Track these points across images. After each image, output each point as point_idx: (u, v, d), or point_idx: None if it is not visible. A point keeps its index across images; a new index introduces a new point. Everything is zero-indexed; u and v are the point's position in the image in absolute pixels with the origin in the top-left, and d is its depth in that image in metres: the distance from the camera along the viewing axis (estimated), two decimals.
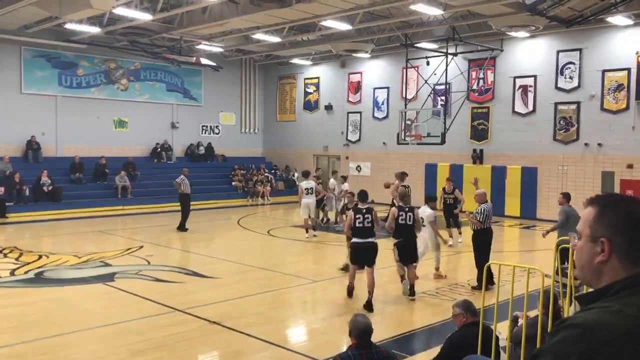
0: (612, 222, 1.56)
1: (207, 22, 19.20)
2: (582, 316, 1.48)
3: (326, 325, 8.61)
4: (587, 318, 1.45)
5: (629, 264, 1.53)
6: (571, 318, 1.49)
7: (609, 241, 1.55)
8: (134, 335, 7.79)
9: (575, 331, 1.43)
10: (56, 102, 23.57)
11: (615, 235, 1.54)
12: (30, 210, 20.18)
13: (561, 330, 1.46)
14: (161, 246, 14.84)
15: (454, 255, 14.07)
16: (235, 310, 9.10)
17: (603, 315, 1.45)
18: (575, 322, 1.45)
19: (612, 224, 1.56)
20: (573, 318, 1.48)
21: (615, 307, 1.46)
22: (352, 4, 17.00)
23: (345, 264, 11.35)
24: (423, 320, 8.89)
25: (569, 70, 19.87)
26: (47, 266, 12.07)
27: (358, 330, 4.61)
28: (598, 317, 1.44)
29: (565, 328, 1.46)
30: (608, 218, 1.57)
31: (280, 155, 29.59)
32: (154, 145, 26.24)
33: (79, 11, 16.02)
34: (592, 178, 19.26)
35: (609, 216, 1.57)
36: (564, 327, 1.46)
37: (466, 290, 10.31)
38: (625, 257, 1.54)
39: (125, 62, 25.40)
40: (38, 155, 22.70)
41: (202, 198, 22.29)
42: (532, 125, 20.78)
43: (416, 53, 22.05)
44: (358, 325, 4.63)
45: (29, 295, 9.99)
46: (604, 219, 1.57)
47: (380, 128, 25.22)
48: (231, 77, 28.92)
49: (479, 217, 10.26)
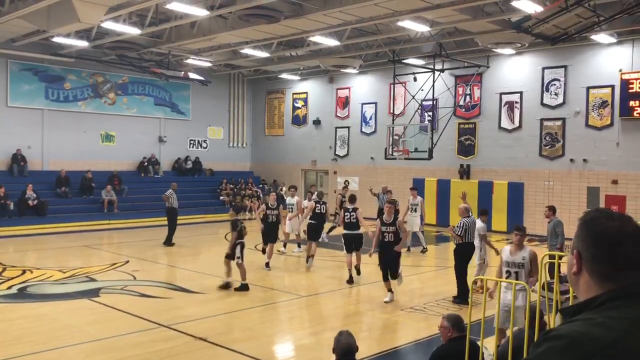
0: (582, 236, 1.63)
1: (196, 37, 19.24)
2: (567, 328, 1.48)
3: (314, 340, 8.56)
4: (571, 329, 1.46)
5: (596, 277, 1.58)
6: (556, 329, 1.50)
7: (579, 254, 1.62)
8: (118, 351, 7.69)
9: (561, 342, 1.44)
10: (43, 115, 23.42)
11: (584, 249, 1.61)
12: (14, 224, 19.93)
13: (546, 341, 1.47)
14: (147, 261, 14.71)
15: (442, 270, 14.08)
16: (221, 326, 9.02)
17: (588, 327, 1.46)
18: (560, 334, 1.46)
19: (582, 238, 1.62)
20: (558, 329, 1.49)
21: (599, 319, 1.47)
22: (340, 20, 17.14)
23: None
24: (410, 336, 8.86)
25: (554, 86, 20.12)
26: (31, 281, 11.90)
27: (340, 350, 4.77)
28: (583, 329, 1.45)
29: (550, 339, 1.46)
30: (581, 232, 1.64)
31: (268, 170, 29.56)
32: (141, 159, 26.12)
33: (66, 25, 15.99)
34: (577, 193, 19.43)
35: (582, 231, 1.64)
36: (549, 338, 1.47)
37: (453, 305, 10.30)
38: (592, 270, 1.59)
39: (112, 76, 25.35)
40: (23, 169, 22.50)
41: (189, 212, 22.18)
42: (518, 141, 20.97)
43: (403, 69, 22.23)
44: (341, 344, 4.78)
45: (12, 310, 9.84)
46: (579, 232, 1.65)
47: (368, 143, 25.31)
48: (219, 91, 28.95)
49: (458, 232, 10.37)
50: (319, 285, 12.02)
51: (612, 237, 1.57)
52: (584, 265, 1.61)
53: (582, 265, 1.61)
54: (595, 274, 1.58)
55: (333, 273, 13.61)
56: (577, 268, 1.62)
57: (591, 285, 1.59)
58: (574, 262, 1.63)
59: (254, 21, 16.85)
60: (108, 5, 15.06)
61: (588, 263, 1.60)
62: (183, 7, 15.66)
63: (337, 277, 13.15)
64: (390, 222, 10.29)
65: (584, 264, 1.61)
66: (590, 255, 1.59)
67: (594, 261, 1.59)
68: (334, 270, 13.93)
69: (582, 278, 1.62)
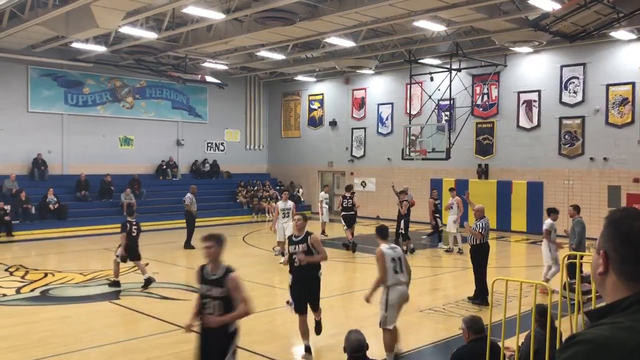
0: (609, 236, 1.60)
1: (212, 40, 19.36)
2: (593, 332, 1.46)
3: (333, 342, 8.54)
4: (598, 333, 1.44)
5: (623, 277, 1.56)
6: (582, 334, 1.48)
7: (605, 254, 1.59)
8: (140, 353, 7.75)
9: (587, 347, 1.42)
10: (62, 120, 23.73)
11: (610, 249, 1.59)
12: (36, 228, 20.22)
13: (572, 346, 1.45)
14: (166, 263, 14.82)
15: (461, 270, 13.99)
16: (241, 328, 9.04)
17: (614, 331, 1.43)
18: (587, 338, 1.44)
19: (609, 238, 1.60)
20: (584, 334, 1.47)
21: (627, 323, 1.45)
22: (355, 21, 17.12)
23: None
24: (429, 338, 8.81)
25: (573, 84, 19.90)
26: (53, 284, 12.06)
27: (350, 347, 4.85)
28: (609, 333, 1.43)
29: (576, 344, 1.45)
30: (607, 232, 1.62)
31: (285, 172, 29.62)
32: (159, 162, 26.32)
33: (85, 30, 16.19)
34: (598, 192, 19.19)
35: (608, 230, 1.62)
36: (575, 343, 1.45)
37: (472, 306, 10.23)
38: (619, 271, 1.57)
39: (130, 80, 25.59)
40: (44, 173, 22.80)
41: (207, 215, 22.31)
42: (537, 140, 20.77)
43: (420, 69, 22.14)
44: (351, 342, 4.88)
45: (34, 313, 9.97)
46: (606, 232, 1.62)
47: (385, 144, 25.24)
48: (236, 94, 29.08)
49: (480, 230, 10.39)
50: (337, 287, 12.01)
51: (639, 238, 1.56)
52: (611, 265, 1.58)
53: (608, 265, 1.59)
54: (623, 274, 1.56)
55: (351, 275, 13.60)
56: (604, 268, 1.60)
57: (618, 286, 1.56)
58: (600, 262, 1.61)
59: (270, 24, 16.90)
60: (125, 10, 15.22)
61: (615, 264, 1.58)
62: (199, 10, 15.78)
63: (355, 278, 13.14)
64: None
65: (610, 264, 1.58)
66: (618, 256, 1.57)
67: (622, 262, 1.56)
68: (352, 272, 13.92)
69: (608, 279, 1.60)
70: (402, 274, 7.22)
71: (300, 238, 7.70)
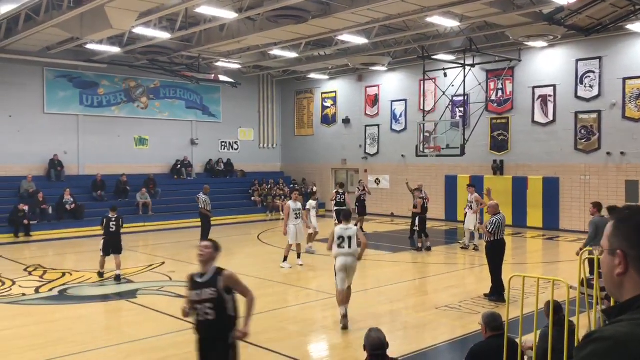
0: (626, 235, 1.57)
1: (225, 40, 19.41)
2: (612, 329, 1.45)
3: (348, 340, 8.55)
4: (617, 330, 1.42)
5: None
6: (600, 331, 1.46)
7: (623, 253, 1.56)
8: (157, 351, 7.81)
9: (606, 344, 1.40)
10: (78, 121, 23.95)
11: (629, 247, 1.55)
12: (53, 228, 20.44)
13: (591, 344, 1.43)
14: (182, 262, 14.89)
15: (477, 267, 13.92)
16: (257, 326, 9.04)
17: (633, 328, 1.42)
18: (605, 335, 1.42)
19: (626, 237, 1.57)
20: (602, 331, 1.45)
21: None
22: (368, 18, 17.08)
23: None
24: (445, 335, 8.78)
25: (588, 79, 19.68)
26: (71, 283, 12.18)
27: (371, 345, 4.83)
28: (628, 330, 1.42)
29: (594, 341, 1.43)
30: (622, 231, 1.58)
31: (298, 170, 29.65)
32: (174, 162, 26.48)
33: (99, 32, 16.32)
34: (615, 187, 18.97)
35: (623, 229, 1.58)
36: (593, 340, 1.44)
37: (488, 303, 10.17)
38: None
39: (145, 81, 25.76)
40: (61, 174, 23.03)
41: (222, 214, 22.40)
42: (553, 135, 20.58)
43: (433, 65, 22.00)
44: (371, 340, 4.85)
45: (53, 312, 10.09)
46: (619, 232, 1.59)
47: (399, 140, 25.17)
48: (249, 93, 29.16)
49: (489, 228, 10.28)
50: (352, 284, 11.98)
51: None
52: (631, 264, 1.55)
53: (628, 265, 1.55)
54: None
55: (366, 273, 13.57)
56: (624, 268, 1.56)
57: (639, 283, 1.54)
58: (618, 262, 1.57)
59: (282, 22, 16.91)
60: (139, 11, 15.32)
61: (636, 261, 1.54)
62: (212, 10, 15.83)
63: (371, 276, 13.13)
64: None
65: (630, 263, 1.55)
66: (638, 254, 1.54)
67: None
68: (368, 270, 13.90)
69: (629, 279, 1.56)
70: (346, 249, 8.90)
71: (206, 279, 5.19)
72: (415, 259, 15.26)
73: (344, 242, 8.91)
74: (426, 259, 15.15)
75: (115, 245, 12.63)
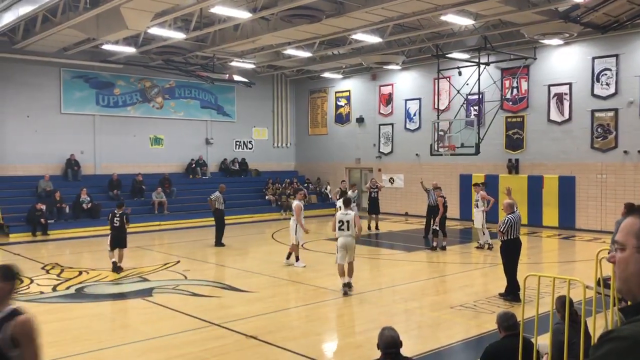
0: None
1: (239, 40, 19.48)
2: (629, 328, 1.44)
3: (362, 339, 8.55)
4: (634, 330, 1.42)
5: None
6: (617, 330, 1.45)
7: None
8: (173, 349, 7.88)
9: (623, 344, 1.39)
10: (94, 121, 24.17)
11: None
12: (70, 227, 20.66)
13: (607, 343, 1.42)
14: (197, 261, 15.00)
15: (492, 267, 13.85)
16: (271, 324, 9.11)
17: None
18: (622, 335, 1.42)
19: None
20: (620, 330, 1.45)
21: None
22: (381, 16, 17.04)
23: None
24: (460, 334, 8.75)
25: (605, 76, 19.47)
26: (87, 282, 12.31)
27: (384, 343, 4.81)
28: None
29: (611, 340, 1.42)
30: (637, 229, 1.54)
31: (312, 169, 29.68)
32: (189, 161, 26.64)
33: (115, 32, 16.46)
34: (632, 186, 18.76)
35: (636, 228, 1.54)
36: (610, 340, 1.43)
37: (503, 303, 10.12)
38: None
39: (160, 81, 25.93)
40: (77, 173, 23.26)
41: (236, 212, 22.50)
42: (569, 134, 20.39)
43: (448, 63, 21.91)
44: (384, 338, 4.83)
45: (70, 310, 10.21)
46: (634, 230, 1.55)
47: (413, 139, 25.09)
48: (263, 92, 29.23)
49: (502, 228, 10.21)
50: (366, 283, 12.00)
51: None
52: None
53: None
54: None
55: (381, 272, 13.58)
56: None
57: None
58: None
59: (296, 22, 16.94)
60: (154, 12, 15.43)
61: None
62: (226, 10, 15.89)
63: (385, 275, 13.11)
64: None
65: None
66: None
67: None
68: (382, 269, 13.90)
69: None
70: (345, 230, 10.81)
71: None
72: (430, 258, 15.21)
73: (344, 225, 10.81)
74: (441, 258, 15.10)
75: (120, 240, 13.43)
